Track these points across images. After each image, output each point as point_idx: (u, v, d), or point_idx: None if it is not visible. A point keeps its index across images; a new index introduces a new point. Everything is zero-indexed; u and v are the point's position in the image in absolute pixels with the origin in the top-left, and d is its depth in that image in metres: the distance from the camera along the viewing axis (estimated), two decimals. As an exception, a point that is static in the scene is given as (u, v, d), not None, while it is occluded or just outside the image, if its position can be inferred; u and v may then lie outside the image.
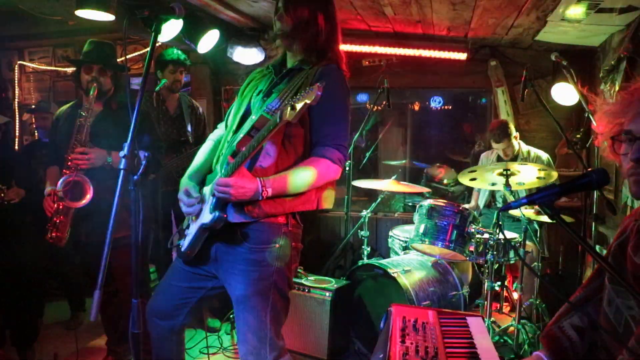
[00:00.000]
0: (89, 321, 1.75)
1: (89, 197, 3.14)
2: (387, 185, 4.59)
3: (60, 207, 3.17)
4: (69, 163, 3.15)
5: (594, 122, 3.63)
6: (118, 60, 3.64)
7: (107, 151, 3.18)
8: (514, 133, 4.57)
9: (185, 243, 2.32)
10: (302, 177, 2.18)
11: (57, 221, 3.17)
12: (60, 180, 3.11)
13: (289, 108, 1.94)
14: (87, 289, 4.51)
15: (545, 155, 4.58)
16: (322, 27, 2.33)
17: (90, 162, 3.13)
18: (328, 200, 2.37)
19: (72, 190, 3.13)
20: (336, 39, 2.40)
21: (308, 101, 1.92)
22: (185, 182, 2.40)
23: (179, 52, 4.28)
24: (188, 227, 2.37)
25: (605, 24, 3.89)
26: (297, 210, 2.28)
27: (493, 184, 3.91)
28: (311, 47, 2.32)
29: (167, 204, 4.12)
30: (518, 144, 4.63)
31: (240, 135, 2.23)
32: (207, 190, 2.31)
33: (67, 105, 3.52)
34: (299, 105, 1.92)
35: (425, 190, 5.15)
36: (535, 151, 4.60)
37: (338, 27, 2.41)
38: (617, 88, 3.62)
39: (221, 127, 2.63)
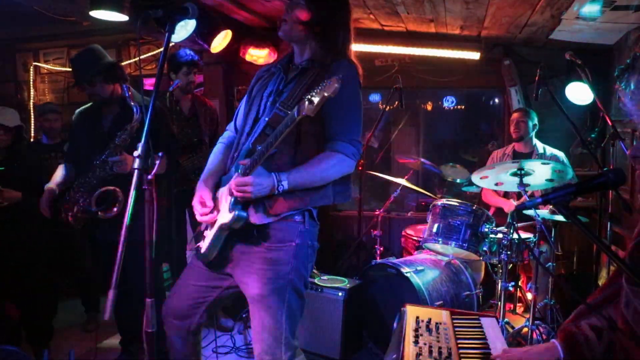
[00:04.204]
0: (103, 320, 1.78)
1: (119, 206, 3.17)
2: (400, 181, 4.58)
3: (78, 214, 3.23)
4: (96, 174, 3.20)
5: (609, 122, 3.61)
6: (129, 61, 3.64)
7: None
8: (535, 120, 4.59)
9: (204, 245, 2.32)
10: (316, 171, 2.19)
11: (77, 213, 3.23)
12: (94, 195, 3.17)
13: (307, 102, 1.93)
14: (104, 289, 4.52)
15: (561, 155, 4.54)
16: (340, 28, 2.33)
17: (121, 170, 3.15)
18: (344, 195, 2.36)
19: (103, 200, 3.18)
20: (350, 40, 2.39)
21: (327, 94, 1.90)
22: (200, 187, 2.39)
23: (192, 53, 4.29)
24: (207, 228, 2.37)
25: (621, 22, 3.85)
26: (315, 205, 2.28)
27: (497, 184, 3.87)
28: (326, 47, 2.31)
29: (181, 204, 4.14)
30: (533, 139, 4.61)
31: (255, 135, 2.24)
32: (223, 190, 2.31)
33: (84, 107, 3.54)
34: (317, 99, 1.91)
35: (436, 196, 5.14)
36: (551, 150, 4.56)
37: (352, 28, 2.41)
38: (632, 87, 3.57)
39: (230, 128, 2.64)
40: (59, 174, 3.44)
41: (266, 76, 2.50)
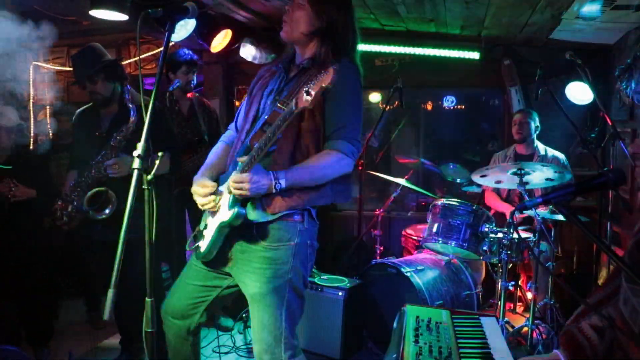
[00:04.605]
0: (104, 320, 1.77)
1: (112, 207, 3.18)
2: (400, 181, 4.58)
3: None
4: (92, 174, 3.20)
5: (609, 121, 3.61)
6: (130, 60, 3.64)
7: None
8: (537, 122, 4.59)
9: (204, 244, 2.32)
10: (314, 170, 2.18)
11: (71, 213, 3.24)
12: (87, 195, 3.17)
13: (304, 94, 1.93)
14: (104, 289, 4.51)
15: (562, 157, 4.53)
16: (343, 28, 2.32)
17: (119, 173, 3.15)
18: (343, 194, 2.36)
19: (96, 200, 3.19)
20: (355, 41, 2.38)
21: (324, 84, 1.90)
22: (197, 178, 2.39)
23: (191, 52, 4.29)
24: (206, 227, 2.37)
25: (621, 22, 3.85)
26: (314, 204, 2.28)
27: (497, 182, 3.86)
28: (328, 47, 2.28)
29: (181, 204, 4.14)
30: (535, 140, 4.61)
31: (253, 133, 2.24)
32: (222, 188, 2.31)
33: (83, 108, 3.53)
34: (314, 91, 1.91)
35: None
36: (552, 152, 4.56)
37: (357, 29, 2.39)
38: (633, 87, 3.57)
39: (231, 128, 2.64)
40: (67, 184, 3.43)
41: (267, 75, 2.49)
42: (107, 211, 3.19)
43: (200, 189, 2.31)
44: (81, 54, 3.36)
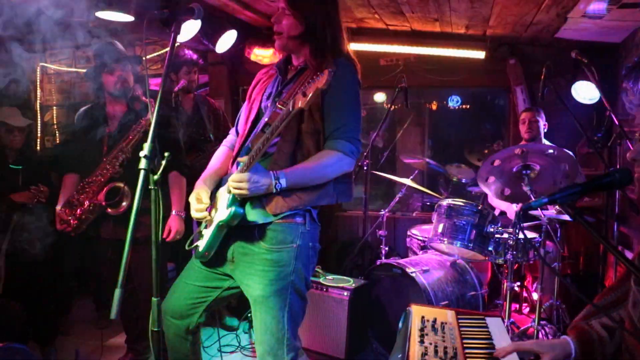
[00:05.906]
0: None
1: (127, 202, 3.19)
2: (405, 181, 4.58)
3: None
4: (105, 172, 3.21)
5: (615, 121, 3.59)
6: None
7: None
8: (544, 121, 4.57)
9: (202, 243, 2.32)
10: (314, 169, 2.18)
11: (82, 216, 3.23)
12: (104, 190, 3.20)
13: (300, 95, 1.94)
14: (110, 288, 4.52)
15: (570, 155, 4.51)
16: (328, 25, 2.30)
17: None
18: (345, 194, 2.36)
19: (111, 197, 3.21)
20: (342, 38, 2.35)
21: (319, 86, 1.91)
22: (198, 185, 2.41)
23: (190, 52, 4.30)
24: (206, 227, 2.38)
25: (628, 20, 3.83)
26: (316, 204, 2.28)
27: (502, 191, 3.84)
28: (318, 47, 2.27)
29: (187, 203, 4.14)
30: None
31: (254, 135, 2.25)
32: (222, 189, 2.32)
33: (88, 107, 3.53)
34: (310, 92, 1.92)
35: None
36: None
37: (342, 26, 2.37)
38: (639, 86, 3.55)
39: (232, 132, 2.65)
40: (65, 192, 3.42)
41: (265, 79, 2.51)
42: (124, 204, 3.20)
43: (195, 203, 2.33)
44: (107, 47, 3.34)
